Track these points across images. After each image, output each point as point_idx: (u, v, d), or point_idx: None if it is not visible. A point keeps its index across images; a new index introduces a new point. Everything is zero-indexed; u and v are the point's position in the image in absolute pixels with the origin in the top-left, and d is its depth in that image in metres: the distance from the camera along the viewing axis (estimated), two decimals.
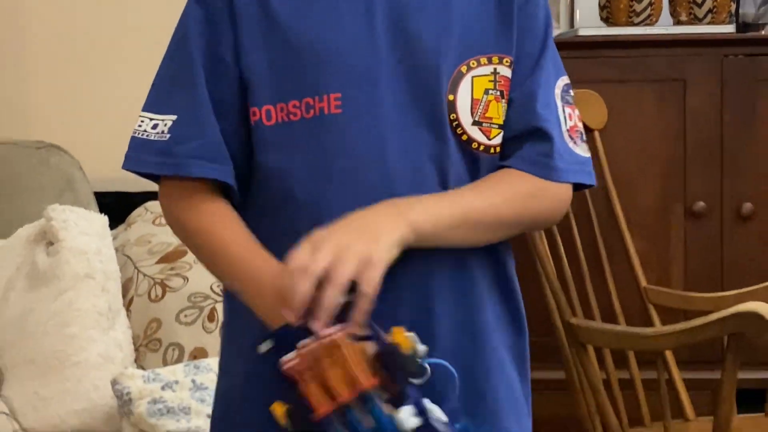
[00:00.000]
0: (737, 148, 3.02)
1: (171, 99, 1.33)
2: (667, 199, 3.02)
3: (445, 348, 1.28)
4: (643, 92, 3.00)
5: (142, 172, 1.34)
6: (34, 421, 2.21)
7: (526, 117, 1.35)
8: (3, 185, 2.50)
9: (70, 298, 2.26)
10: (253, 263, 1.28)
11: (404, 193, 1.27)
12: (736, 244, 3.02)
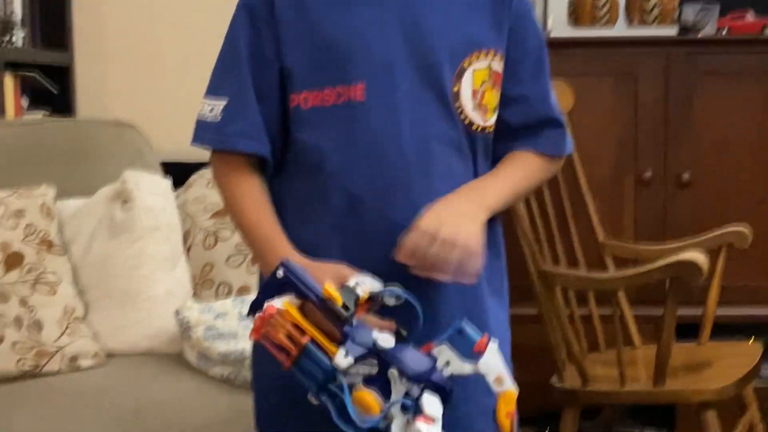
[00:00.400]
0: (678, 128, 3.03)
1: (223, 87, 1.34)
2: (620, 169, 3.04)
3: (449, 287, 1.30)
4: (602, 82, 3.02)
5: (206, 146, 1.36)
6: (113, 344, 2.24)
7: (542, 109, 1.38)
8: (87, 154, 2.52)
9: (141, 246, 2.28)
10: (270, 242, 1.30)
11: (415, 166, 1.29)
12: (677, 206, 3.03)
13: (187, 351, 2.16)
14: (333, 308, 1.10)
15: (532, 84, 1.38)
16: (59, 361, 2.12)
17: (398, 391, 1.09)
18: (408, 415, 1.08)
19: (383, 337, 1.11)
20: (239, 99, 1.32)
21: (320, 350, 1.08)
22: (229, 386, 2.03)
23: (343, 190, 1.30)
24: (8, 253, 2.17)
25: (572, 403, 2.42)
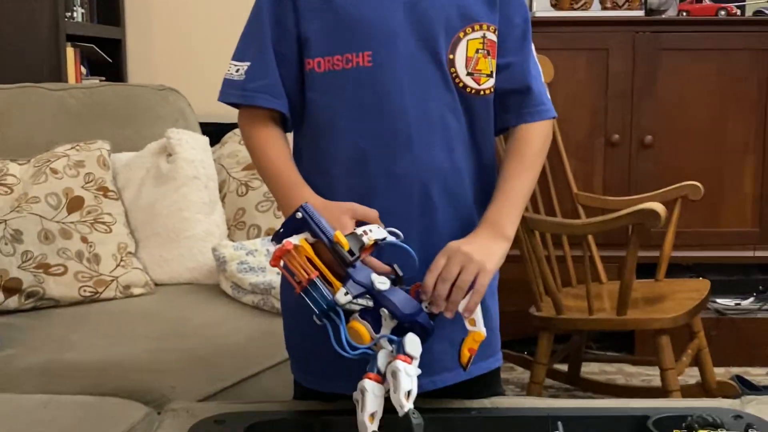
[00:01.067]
0: (642, 98, 3.03)
1: (248, 51, 1.32)
2: (592, 132, 3.04)
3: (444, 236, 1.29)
4: (578, 57, 3.01)
5: (228, 102, 1.35)
6: (159, 275, 2.25)
7: (520, 78, 1.35)
8: (136, 116, 2.51)
9: (184, 192, 2.28)
10: (290, 186, 1.28)
11: (415, 122, 1.28)
12: (640, 164, 3.04)
13: (223, 282, 2.16)
14: (340, 252, 1.10)
15: (516, 54, 1.35)
16: (114, 289, 2.13)
17: (387, 327, 1.12)
18: (393, 348, 1.11)
19: (380, 279, 1.12)
20: (261, 61, 1.31)
21: (325, 285, 1.09)
22: (258, 311, 2.04)
23: (351, 144, 1.29)
24: (71, 198, 2.18)
25: (547, 329, 2.43)
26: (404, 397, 1.06)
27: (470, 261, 1.19)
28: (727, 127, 3.04)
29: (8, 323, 1.91)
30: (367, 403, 1.08)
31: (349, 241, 1.12)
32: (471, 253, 1.20)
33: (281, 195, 1.32)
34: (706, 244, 3.07)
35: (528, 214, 2.40)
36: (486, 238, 1.25)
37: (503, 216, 1.28)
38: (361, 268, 1.13)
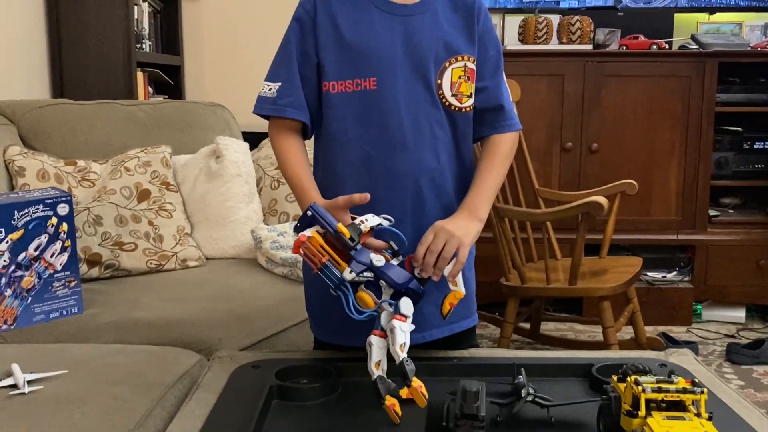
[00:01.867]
0: (590, 113, 3.02)
1: (278, 74, 1.32)
2: (550, 140, 3.03)
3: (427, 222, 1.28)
4: (540, 81, 3.00)
5: (261, 114, 1.34)
6: (209, 251, 2.24)
7: (494, 98, 1.34)
8: (192, 126, 2.50)
9: (229, 186, 2.27)
10: (302, 190, 1.29)
11: (409, 132, 1.28)
12: (588, 166, 3.04)
13: (259, 257, 2.16)
14: (342, 239, 1.12)
15: (490, 79, 1.34)
16: (174, 262, 2.13)
17: (387, 294, 1.13)
18: (392, 309, 1.12)
19: (377, 257, 1.13)
20: (290, 82, 1.30)
21: (335, 265, 1.11)
22: (286, 280, 2.04)
23: (358, 149, 1.29)
24: (140, 190, 2.17)
25: (514, 295, 2.44)
26: (399, 348, 1.07)
27: (452, 236, 1.19)
28: (656, 137, 3.03)
29: (91, 288, 1.91)
30: (373, 354, 1.10)
31: (349, 230, 1.13)
32: (453, 230, 1.20)
33: (297, 194, 1.32)
34: (639, 229, 3.07)
35: (499, 205, 2.41)
36: (464, 219, 1.25)
37: (478, 202, 1.29)
38: (362, 250, 1.13)
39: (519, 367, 1.15)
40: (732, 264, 3.06)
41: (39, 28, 2.86)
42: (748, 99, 3.06)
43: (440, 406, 1.02)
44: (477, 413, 0.97)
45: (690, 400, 0.95)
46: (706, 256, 3.06)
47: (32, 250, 1.69)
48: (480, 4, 1.34)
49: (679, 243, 3.09)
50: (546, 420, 1.06)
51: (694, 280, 3.08)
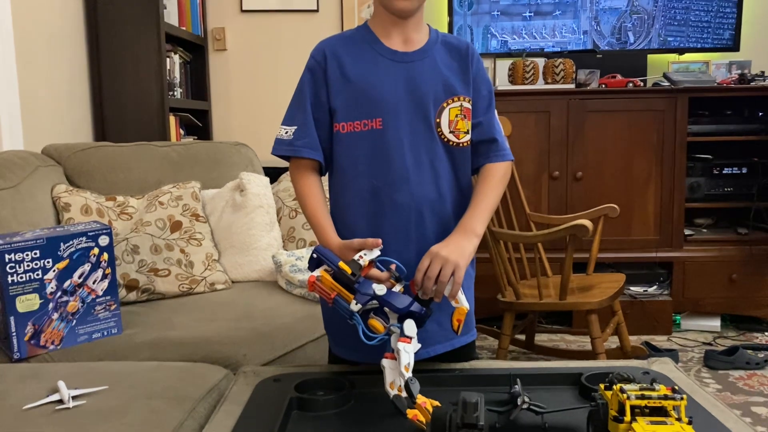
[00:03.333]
0: (574, 145, 3.01)
1: (294, 118, 1.32)
2: (539, 169, 3.02)
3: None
4: (528, 117, 3.00)
5: (279, 155, 1.34)
6: (235, 275, 2.23)
7: (488, 132, 1.35)
8: (219, 163, 2.51)
9: (252, 216, 2.27)
10: (321, 229, 1.28)
11: (412, 166, 1.27)
12: (573, 193, 3.02)
13: (279, 279, 2.16)
14: (344, 275, 1.12)
15: (484, 115, 1.35)
16: (203, 285, 2.13)
17: (393, 318, 1.14)
18: (399, 332, 1.12)
19: (379, 287, 1.13)
20: (304, 125, 1.30)
21: (343, 299, 1.12)
22: (304, 300, 2.03)
23: (366, 182, 1.28)
24: (173, 222, 2.18)
25: (510, 310, 2.42)
26: (404, 368, 1.06)
27: (447, 262, 1.18)
28: (634, 165, 3.02)
29: (129, 311, 1.91)
30: (386, 376, 1.09)
31: (350, 266, 1.13)
32: (447, 255, 1.18)
33: (315, 231, 1.32)
34: (621, 248, 3.05)
35: (494, 229, 2.40)
36: (459, 239, 1.23)
37: (474, 221, 1.27)
38: (364, 282, 1.13)
39: (515, 378, 1.14)
40: (707, 278, 3.03)
41: (83, 80, 2.89)
42: (716, 129, 3.06)
43: (443, 416, 1.01)
44: (477, 422, 0.96)
45: (671, 406, 0.94)
46: (683, 271, 3.04)
47: (76, 277, 1.70)
48: (473, 51, 1.35)
49: (658, 260, 3.07)
50: (540, 426, 1.05)
51: (673, 293, 3.05)
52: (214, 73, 3.63)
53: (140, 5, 2.88)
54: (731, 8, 3.25)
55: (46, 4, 2.64)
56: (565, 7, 3.27)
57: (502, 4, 3.28)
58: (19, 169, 2.02)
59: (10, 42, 2.35)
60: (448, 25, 3.31)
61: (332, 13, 3.60)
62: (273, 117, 3.50)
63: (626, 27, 3.28)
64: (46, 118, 2.62)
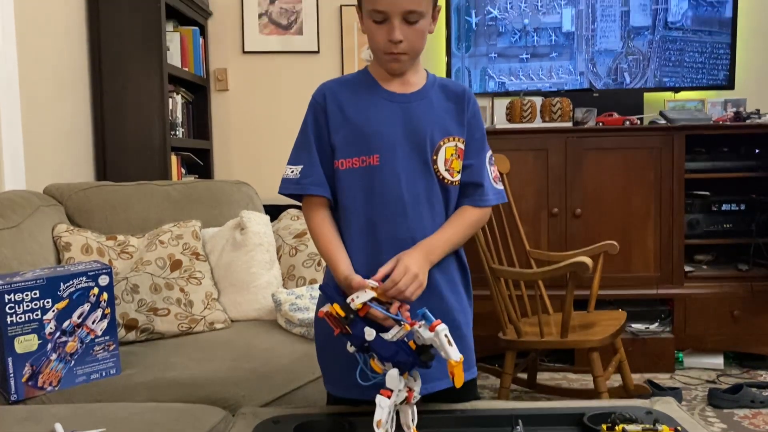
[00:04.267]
0: (573, 182, 3.03)
1: (300, 157, 1.34)
2: (539, 206, 3.03)
3: (435, 286, 1.30)
4: (527, 155, 3.02)
5: (286, 194, 1.36)
6: (234, 314, 2.22)
7: (476, 176, 1.35)
8: (220, 202, 2.51)
9: (252, 255, 2.26)
10: (335, 262, 1.29)
11: (409, 204, 1.29)
12: (572, 229, 3.02)
13: (279, 318, 2.14)
14: (337, 318, 1.14)
15: (474, 158, 1.36)
16: (203, 324, 2.12)
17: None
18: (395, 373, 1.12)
19: (369, 332, 1.13)
20: (310, 163, 1.32)
21: (345, 336, 1.15)
22: (303, 339, 2.02)
23: (366, 217, 1.30)
24: (173, 260, 2.18)
25: (511, 348, 2.40)
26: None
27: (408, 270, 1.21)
28: (632, 202, 3.03)
29: (128, 351, 1.89)
30: (376, 412, 1.08)
31: (343, 309, 1.14)
32: (409, 264, 1.22)
33: (327, 263, 1.33)
34: (622, 285, 3.04)
35: (495, 266, 2.40)
36: (421, 256, 1.26)
37: (436, 246, 1.29)
38: (358, 323, 1.14)
39: (516, 418, 1.13)
40: (708, 315, 3.01)
41: (86, 120, 2.92)
42: (713, 166, 3.07)
43: None
44: None
45: None
46: (684, 308, 3.02)
47: (76, 317, 1.69)
48: (469, 95, 1.37)
49: (659, 297, 3.05)
50: None
51: (675, 330, 3.03)
52: (215, 113, 3.67)
53: (144, 46, 2.93)
54: (725, 49, 3.30)
55: (51, 44, 2.68)
56: (562, 49, 3.33)
57: (499, 47, 3.34)
58: (20, 209, 2.03)
59: (14, 82, 2.38)
60: (446, 66, 3.36)
61: (333, 55, 3.65)
62: (274, 156, 3.53)
63: (622, 68, 3.33)
64: (49, 157, 2.64)
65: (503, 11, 3.32)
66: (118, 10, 2.91)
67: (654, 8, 3.30)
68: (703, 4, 3.29)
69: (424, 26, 1.29)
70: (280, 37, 3.63)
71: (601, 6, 3.30)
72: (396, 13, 1.25)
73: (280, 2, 3.62)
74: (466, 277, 1.41)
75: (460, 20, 3.34)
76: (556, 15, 3.31)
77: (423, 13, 1.27)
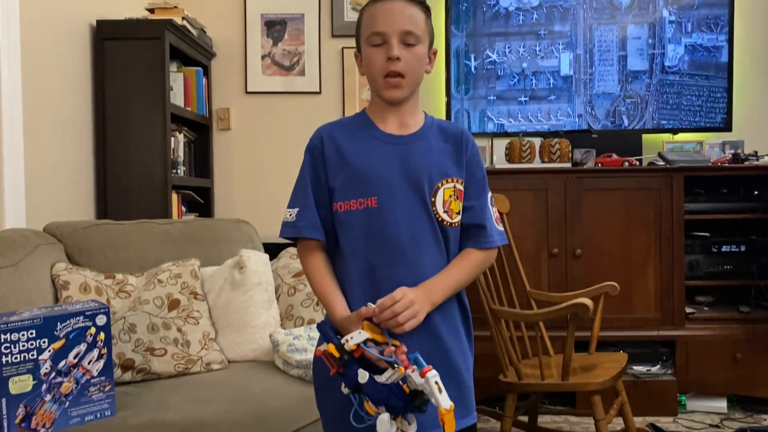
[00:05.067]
0: (573, 223, 3.02)
1: (297, 201, 1.35)
2: (539, 246, 3.02)
3: (435, 329, 1.30)
4: (527, 195, 3.02)
5: (285, 237, 1.37)
6: (232, 355, 2.20)
7: (478, 217, 1.36)
8: (219, 240, 2.51)
9: (250, 294, 2.25)
10: (331, 304, 1.30)
11: (407, 246, 1.29)
12: (573, 270, 3.01)
13: (276, 359, 2.12)
14: (331, 359, 1.15)
15: (475, 199, 1.37)
16: (199, 365, 2.09)
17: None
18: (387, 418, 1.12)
19: (361, 373, 1.13)
20: (306, 207, 1.33)
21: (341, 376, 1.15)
22: (301, 381, 2.00)
23: (364, 260, 1.30)
24: (171, 300, 2.17)
25: (512, 391, 2.37)
26: None
27: (412, 304, 1.22)
28: (633, 243, 3.02)
29: (124, 392, 1.87)
30: None
31: (338, 350, 1.14)
32: (414, 298, 1.22)
33: (323, 305, 1.34)
34: (623, 326, 3.01)
35: (495, 307, 2.37)
36: (423, 295, 1.25)
37: (437, 288, 1.29)
38: (352, 365, 1.14)
39: None
40: (711, 357, 2.98)
41: (88, 158, 2.94)
42: (713, 208, 3.08)
43: None
44: None
45: None
46: (686, 350, 2.99)
47: (72, 357, 1.67)
48: (468, 137, 1.38)
49: (660, 338, 3.02)
50: None
51: (677, 372, 2.99)
52: (217, 152, 3.69)
53: (147, 86, 2.96)
54: (722, 93, 3.34)
55: (56, 82, 2.72)
56: (560, 92, 3.36)
57: (498, 89, 3.38)
58: (19, 248, 2.03)
59: (18, 120, 2.40)
60: (446, 108, 3.40)
61: (334, 95, 3.69)
62: (275, 194, 3.54)
63: (620, 111, 3.36)
64: (50, 195, 2.65)
65: (502, 55, 3.37)
66: (123, 51, 2.95)
67: (651, 53, 3.35)
68: (700, 49, 3.35)
69: (421, 52, 1.32)
70: (283, 77, 3.68)
71: (598, 50, 3.35)
72: (394, 33, 1.29)
73: (283, 44, 3.68)
74: (467, 320, 1.40)
75: (460, 64, 3.38)
76: (554, 59, 3.36)
77: (419, 37, 1.31)
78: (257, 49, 3.68)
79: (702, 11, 3.34)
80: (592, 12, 3.36)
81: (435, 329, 1.31)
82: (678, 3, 3.35)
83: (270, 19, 3.68)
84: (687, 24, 3.34)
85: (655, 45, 3.35)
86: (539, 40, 3.36)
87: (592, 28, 3.36)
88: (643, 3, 3.36)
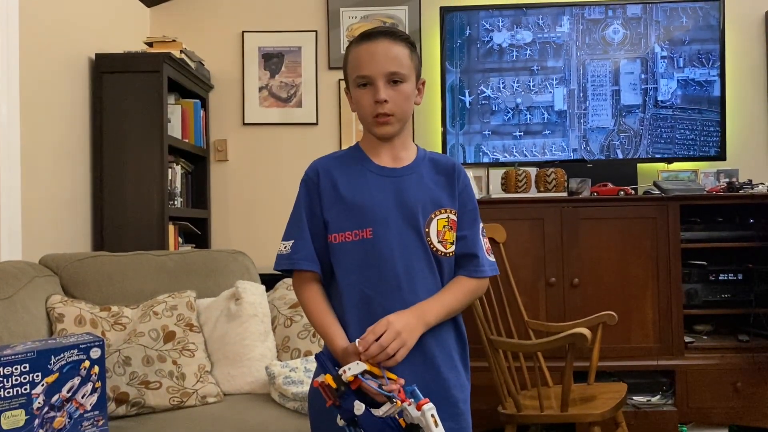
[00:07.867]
0: (570, 252, 3.00)
1: (292, 233, 1.35)
2: (536, 276, 3.01)
3: (432, 361, 1.29)
4: (523, 224, 3.02)
5: (279, 270, 1.37)
6: (227, 387, 2.17)
7: (470, 247, 1.36)
8: (215, 272, 2.50)
9: (246, 326, 2.23)
10: (331, 336, 1.29)
11: (403, 276, 1.28)
12: (570, 299, 2.99)
13: (273, 392, 2.10)
14: (328, 389, 1.14)
15: (468, 230, 1.37)
16: (195, 398, 2.07)
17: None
18: None
19: (358, 406, 1.12)
20: (301, 239, 1.33)
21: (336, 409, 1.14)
22: (298, 414, 1.97)
23: (359, 291, 1.29)
24: (166, 332, 2.15)
25: (511, 423, 2.34)
26: None
27: (399, 335, 1.21)
28: (630, 272, 3.02)
29: (118, 426, 1.84)
30: None
31: (335, 381, 1.14)
32: (400, 329, 1.22)
33: (321, 337, 1.33)
34: (622, 356, 2.98)
35: (493, 337, 2.36)
36: (413, 318, 1.25)
37: (430, 310, 1.28)
38: (349, 397, 1.14)
39: None
40: (711, 387, 2.96)
41: (85, 189, 2.94)
42: (709, 236, 3.08)
43: None
44: None
45: None
46: (686, 379, 2.96)
47: (65, 391, 1.65)
48: (459, 169, 1.40)
49: (660, 368, 3.00)
50: None
51: (677, 402, 2.96)
52: (215, 183, 3.70)
53: (145, 118, 2.98)
54: (715, 126, 3.37)
55: (55, 115, 2.73)
56: (554, 127, 3.39)
57: (492, 125, 3.41)
58: (14, 280, 2.01)
59: (16, 152, 2.41)
60: (442, 142, 3.41)
61: (331, 127, 3.71)
62: (271, 225, 3.54)
63: (614, 144, 3.39)
64: (47, 227, 2.64)
65: (496, 90, 3.40)
66: (122, 84, 2.98)
67: (644, 87, 3.39)
68: (692, 84, 3.38)
69: (408, 90, 1.33)
70: (280, 109, 3.71)
71: (592, 86, 3.39)
72: (379, 75, 1.30)
73: (280, 76, 3.71)
74: (464, 351, 1.39)
75: (455, 99, 3.41)
76: (548, 94, 3.39)
77: (405, 75, 1.32)
78: (255, 81, 3.71)
79: (694, 46, 3.39)
80: (584, 47, 3.40)
81: (432, 361, 1.30)
82: (670, 38, 3.39)
83: (267, 51, 3.72)
84: (679, 59, 3.38)
85: (648, 80, 3.38)
86: (533, 75, 3.40)
87: (585, 63, 3.40)
88: (635, 38, 3.40)
